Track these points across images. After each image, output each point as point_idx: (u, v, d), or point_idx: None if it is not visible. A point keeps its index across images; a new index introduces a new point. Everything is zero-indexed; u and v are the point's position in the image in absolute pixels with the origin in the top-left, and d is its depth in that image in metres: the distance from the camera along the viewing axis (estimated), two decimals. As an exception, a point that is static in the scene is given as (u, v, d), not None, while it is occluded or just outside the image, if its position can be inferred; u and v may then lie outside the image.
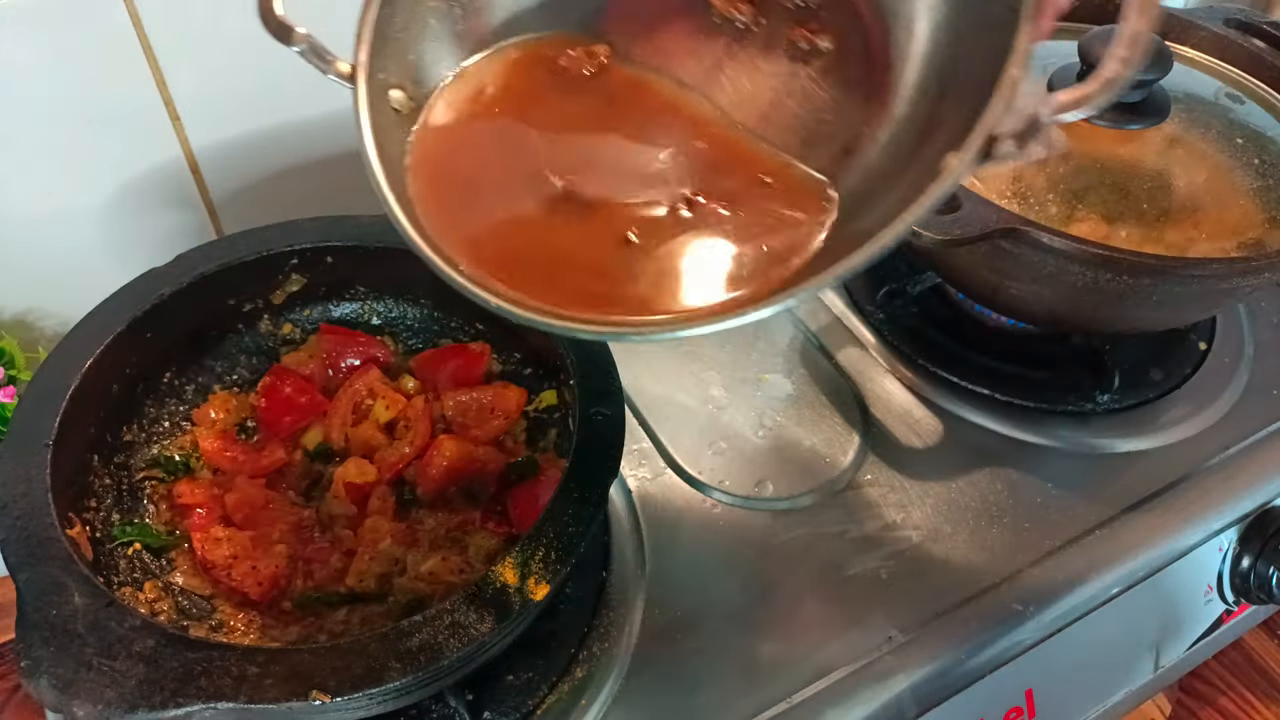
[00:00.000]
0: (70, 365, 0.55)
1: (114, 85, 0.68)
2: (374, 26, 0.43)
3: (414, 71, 0.45)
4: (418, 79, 0.45)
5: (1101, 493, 0.69)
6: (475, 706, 0.55)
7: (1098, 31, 0.71)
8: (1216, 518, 0.69)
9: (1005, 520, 0.67)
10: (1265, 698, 0.91)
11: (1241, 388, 0.77)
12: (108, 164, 0.72)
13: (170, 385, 0.63)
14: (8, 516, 0.48)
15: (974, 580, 0.63)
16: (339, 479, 0.60)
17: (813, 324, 0.80)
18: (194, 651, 0.44)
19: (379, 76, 0.43)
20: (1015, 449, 0.72)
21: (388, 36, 0.44)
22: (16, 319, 0.76)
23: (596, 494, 0.51)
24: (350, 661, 0.44)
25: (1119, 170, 0.69)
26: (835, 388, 0.75)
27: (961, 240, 0.59)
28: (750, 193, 0.43)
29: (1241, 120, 0.74)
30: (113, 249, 0.76)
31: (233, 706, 0.42)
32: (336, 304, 0.68)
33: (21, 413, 0.53)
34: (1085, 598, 0.64)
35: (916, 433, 0.72)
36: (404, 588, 0.55)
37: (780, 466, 0.69)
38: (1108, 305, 0.66)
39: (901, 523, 0.66)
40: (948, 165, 0.34)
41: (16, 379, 0.68)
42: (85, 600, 0.45)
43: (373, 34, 0.43)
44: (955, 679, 0.60)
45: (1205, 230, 0.66)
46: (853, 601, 0.62)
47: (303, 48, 0.43)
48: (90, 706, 0.42)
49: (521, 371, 0.67)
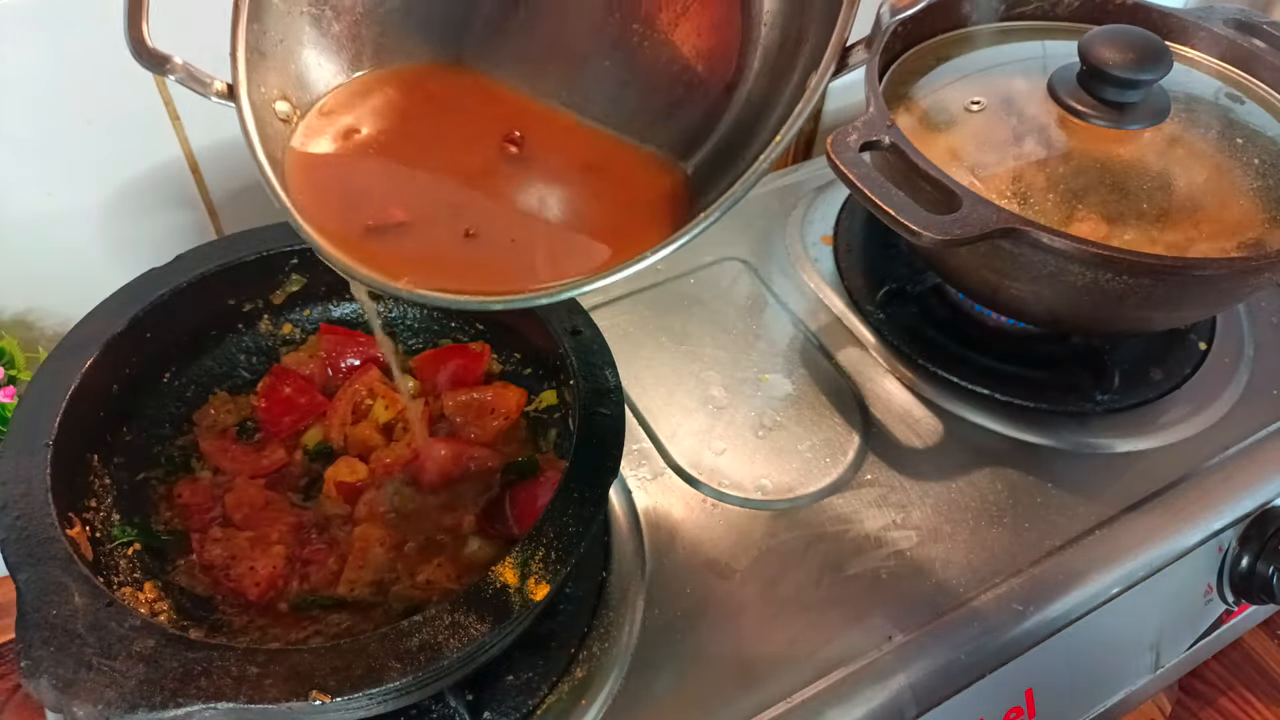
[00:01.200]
0: (70, 365, 0.55)
1: (114, 85, 0.68)
2: (246, 43, 0.44)
3: (296, 82, 0.47)
4: (302, 88, 0.47)
5: (1101, 493, 0.69)
6: (475, 706, 0.55)
7: (1098, 31, 0.71)
8: (1216, 518, 0.69)
9: (1005, 520, 0.67)
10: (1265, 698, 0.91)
11: (1241, 388, 0.77)
12: (108, 164, 0.72)
13: (170, 385, 0.63)
14: (8, 516, 0.48)
15: (974, 580, 0.63)
16: (330, 478, 0.60)
17: (813, 324, 0.80)
18: (194, 651, 0.44)
19: (260, 90, 0.45)
20: (1015, 449, 0.72)
21: (264, 52, 0.45)
22: (16, 319, 0.76)
23: (596, 494, 0.51)
24: (350, 661, 0.44)
25: (1119, 170, 0.69)
26: (835, 388, 0.75)
27: (961, 240, 0.59)
28: (592, 177, 0.46)
29: (1241, 120, 0.74)
30: (113, 249, 0.76)
31: (233, 706, 0.42)
32: (336, 304, 0.68)
33: (21, 413, 0.53)
34: (1085, 598, 0.64)
35: (916, 433, 0.72)
36: (400, 595, 0.55)
37: (780, 466, 0.70)
38: (1108, 305, 0.66)
39: (901, 523, 0.66)
40: (811, 83, 0.39)
41: (16, 379, 0.68)
42: (85, 600, 0.45)
43: (246, 51, 0.44)
44: (955, 679, 0.60)
45: (1205, 230, 0.66)
46: (853, 601, 0.62)
47: (179, 76, 0.44)
48: (90, 706, 0.42)
49: (521, 371, 0.67)
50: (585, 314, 0.61)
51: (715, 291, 0.82)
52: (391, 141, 0.47)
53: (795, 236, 0.87)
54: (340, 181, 0.45)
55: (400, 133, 0.47)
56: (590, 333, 0.60)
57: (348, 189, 0.45)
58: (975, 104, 0.74)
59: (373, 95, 0.49)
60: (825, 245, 0.86)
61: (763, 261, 0.84)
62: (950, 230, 0.59)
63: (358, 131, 0.47)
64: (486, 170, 0.46)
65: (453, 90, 0.49)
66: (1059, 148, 0.70)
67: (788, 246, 0.86)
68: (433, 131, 0.48)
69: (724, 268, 0.84)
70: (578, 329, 0.60)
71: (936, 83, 0.77)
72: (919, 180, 0.64)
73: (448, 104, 0.49)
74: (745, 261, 0.84)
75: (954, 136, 0.72)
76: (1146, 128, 0.71)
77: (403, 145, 0.47)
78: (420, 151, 0.47)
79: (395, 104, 0.48)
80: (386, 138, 0.47)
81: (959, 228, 0.59)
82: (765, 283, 0.83)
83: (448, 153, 0.47)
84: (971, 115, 0.73)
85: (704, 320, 0.79)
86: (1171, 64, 0.70)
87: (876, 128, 0.66)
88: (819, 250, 0.86)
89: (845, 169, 0.62)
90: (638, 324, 0.79)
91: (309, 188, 0.44)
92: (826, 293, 0.82)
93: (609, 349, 0.59)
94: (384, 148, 0.47)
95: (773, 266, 0.84)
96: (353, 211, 0.44)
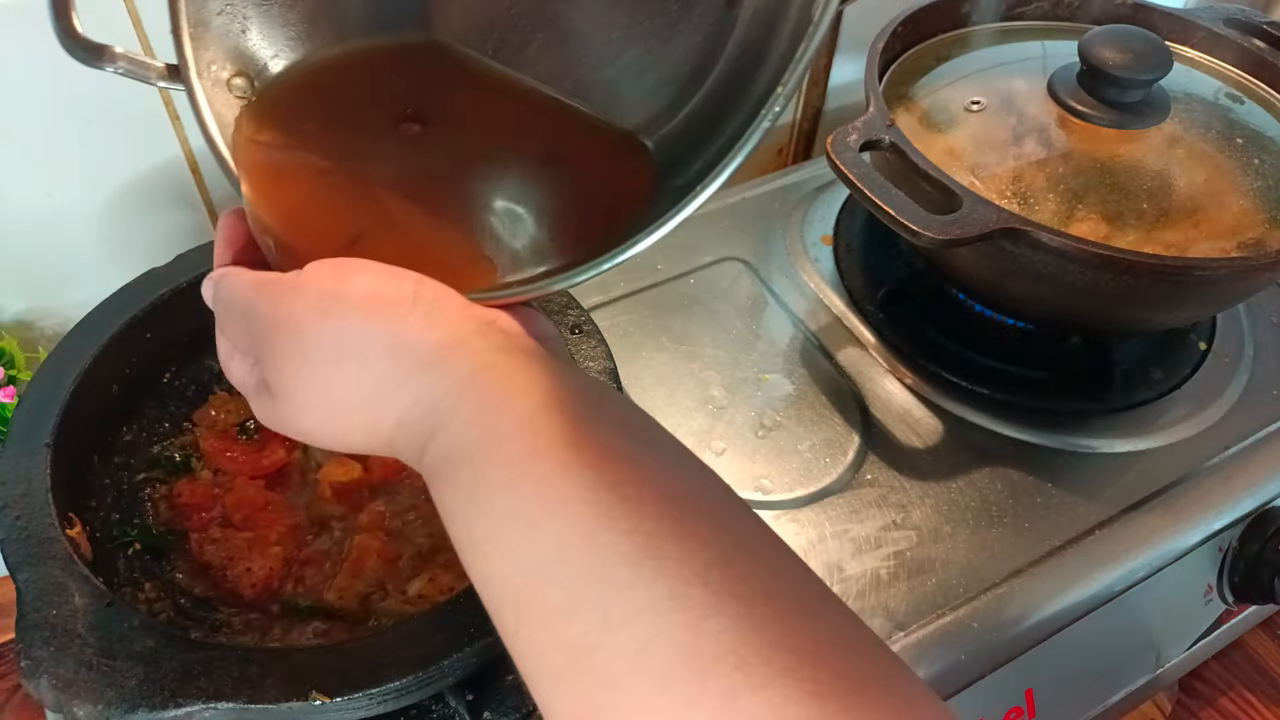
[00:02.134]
0: (70, 365, 0.55)
1: (114, 85, 0.68)
2: (189, 18, 0.41)
3: (250, 57, 0.43)
4: (258, 64, 0.43)
5: (1101, 493, 0.69)
6: (475, 706, 0.55)
7: (1098, 31, 0.71)
8: (1216, 518, 0.69)
9: (1005, 520, 0.67)
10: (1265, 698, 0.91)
11: (1241, 388, 0.77)
12: (108, 164, 0.72)
13: (170, 385, 0.63)
14: (8, 516, 0.48)
15: (974, 580, 0.63)
16: (324, 479, 0.60)
17: (813, 324, 0.80)
18: (194, 651, 0.44)
19: (211, 69, 0.41)
20: (1015, 449, 0.72)
21: (209, 24, 0.42)
22: (16, 319, 0.76)
23: (596, 494, 0.51)
24: (350, 661, 0.44)
25: (1119, 170, 0.69)
26: (835, 388, 0.75)
27: (961, 240, 0.59)
28: (556, 168, 0.42)
29: (1241, 120, 0.74)
30: (113, 249, 0.76)
31: (233, 706, 0.42)
32: (336, 304, 0.68)
33: (21, 413, 0.53)
34: (1085, 598, 0.64)
35: (916, 433, 0.72)
36: (388, 610, 0.54)
37: (780, 466, 0.70)
38: (1108, 305, 0.66)
39: (901, 523, 0.66)
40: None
41: (16, 379, 0.68)
42: (85, 600, 0.45)
43: (190, 26, 0.41)
44: (955, 679, 0.60)
45: (1205, 230, 0.66)
46: (853, 601, 0.62)
47: (119, 67, 0.41)
48: (90, 706, 0.42)
49: (521, 371, 0.67)
50: (585, 313, 0.61)
51: (715, 291, 0.82)
52: (343, 144, 0.43)
53: (795, 236, 0.87)
54: (298, 192, 0.42)
55: (350, 129, 0.44)
56: (590, 331, 0.60)
57: (306, 203, 0.42)
58: (975, 104, 0.74)
59: (331, 81, 0.45)
60: (825, 245, 0.86)
61: (763, 261, 0.84)
62: (950, 230, 0.59)
63: (305, 128, 0.43)
64: (437, 170, 0.43)
65: (409, 71, 0.45)
66: (1059, 148, 0.71)
67: (788, 246, 0.86)
68: (364, 120, 0.44)
69: (724, 268, 0.84)
70: (577, 327, 0.60)
71: (936, 83, 0.77)
72: (919, 180, 0.64)
73: (389, 89, 0.45)
74: (745, 261, 0.84)
75: (954, 136, 0.72)
76: (1146, 128, 0.71)
77: (349, 142, 0.43)
78: (367, 145, 0.43)
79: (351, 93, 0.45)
80: (336, 138, 0.43)
81: (959, 228, 0.59)
82: (765, 283, 0.83)
83: (398, 148, 0.43)
84: (971, 115, 0.73)
85: (704, 320, 0.79)
86: (1171, 64, 0.70)
87: (876, 128, 0.66)
88: (819, 250, 0.86)
89: (845, 169, 0.62)
90: (638, 324, 0.79)
91: (264, 192, 0.41)
92: (826, 293, 0.82)
93: (609, 350, 0.59)
94: (333, 150, 0.43)
95: (773, 266, 0.84)
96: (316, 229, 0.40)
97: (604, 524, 0.29)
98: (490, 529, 0.31)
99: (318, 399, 0.35)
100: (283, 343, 0.35)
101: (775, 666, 0.26)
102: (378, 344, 0.34)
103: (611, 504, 0.29)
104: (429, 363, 0.34)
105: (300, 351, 0.35)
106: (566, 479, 0.30)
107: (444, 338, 0.34)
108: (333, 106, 0.44)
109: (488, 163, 0.43)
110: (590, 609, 0.28)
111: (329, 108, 0.44)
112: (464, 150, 0.43)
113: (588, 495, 0.30)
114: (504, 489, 0.31)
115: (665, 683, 0.26)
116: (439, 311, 0.34)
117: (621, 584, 0.28)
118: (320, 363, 0.35)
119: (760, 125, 0.34)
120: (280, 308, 0.35)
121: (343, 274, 0.35)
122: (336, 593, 0.55)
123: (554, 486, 0.30)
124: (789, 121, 1.04)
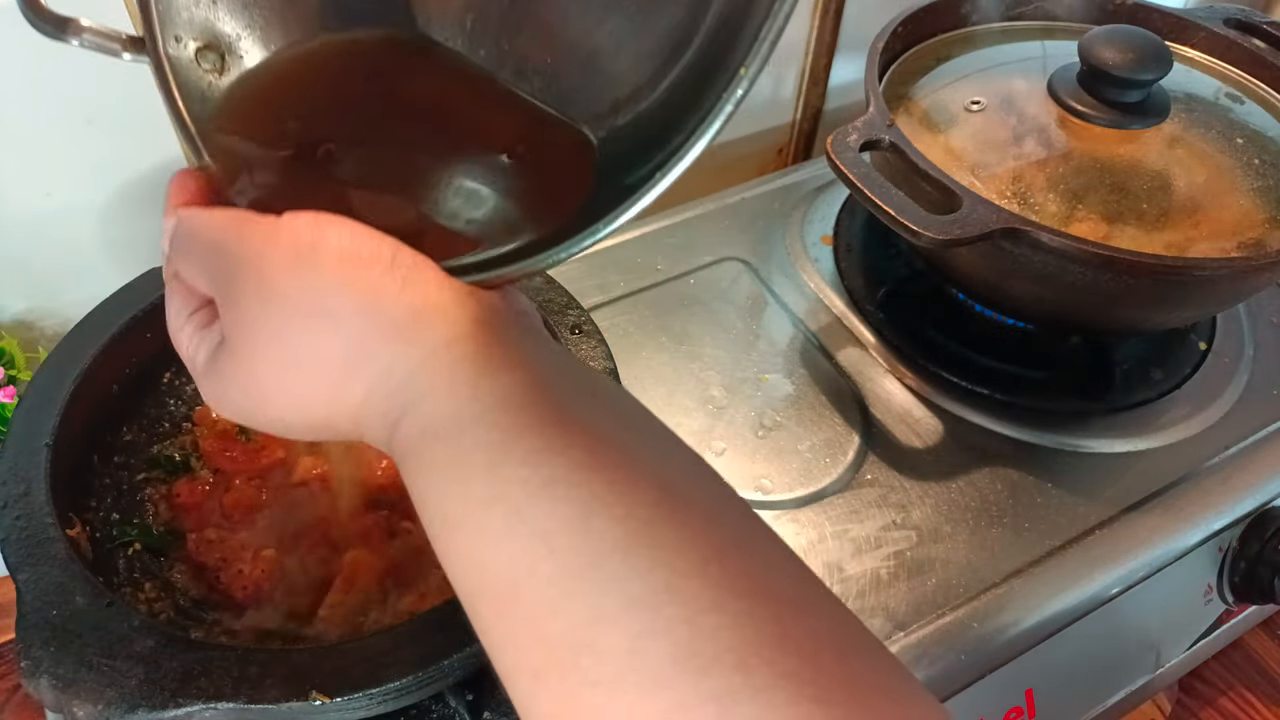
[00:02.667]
0: (70, 365, 0.55)
1: (114, 85, 0.68)
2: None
3: (219, 31, 0.41)
4: (228, 37, 0.41)
5: (1101, 493, 0.69)
6: (475, 706, 0.55)
7: (1098, 31, 0.71)
8: (1216, 518, 0.69)
9: (1005, 520, 0.67)
10: (1265, 698, 0.91)
11: (1241, 388, 0.77)
12: (108, 164, 0.72)
13: (170, 385, 0.63)
14: (8, 516, 0.48)
15: (974, 580, 0.63)
16: (299, 478, 0.59)
17: (813, 324, 0.80)
18: (194, 652, 0.44)
19: (179, 42, 0.39)
20: (1015, 449, 0.72)
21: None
22: (16, 319, 0.76)
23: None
24: (350, 661, 0.44)
25: (1119, 170, 0.69)
26: (835, 388, 0.75)
27: (961, 240, 0.59)
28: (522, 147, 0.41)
29: (1241, 120, 0.74)
30: (113, 249, 0.76)
31: (233, 707, 0.42)
32: (337, 303, 0.68)
33: (21, 413, 0.53)
34: (1085, 598, 0.64)
35: (916, 433, 0.72)
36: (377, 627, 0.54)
37: (780, 466, 0.70)
38: (1108, 305, 0.66)
39: (901, 523, 0.66)
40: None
41: (16, 379, 0.68)
42: (85, 600, 0.45)
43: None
44: (955, 679, 0.60)
45: (1205, 230, 0.66)
46: (853, 601, 0.62)
47: (83, 39, 0.39)
48: (90, 706, 0.42)
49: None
50: (585, 313, 0.61)
51: (715, 291, 0.82)
52: (311, 131, 0.41)
53: (795, 236, 0.87)
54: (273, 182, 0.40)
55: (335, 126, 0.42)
56: (590, 331, 0.60)
57: (273, 192, 0.40)
58: (975, 104, 0.74)
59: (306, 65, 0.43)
60: (825, 245, 0.86)
61: (763, 261, 0.84)
62: (950, 230, 0.59)
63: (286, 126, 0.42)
64: (398, 159, 0.41)
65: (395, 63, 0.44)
66: (1059, 148, 0.71)
67: (788, 246, 0.86)
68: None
69: (724, 268, 0.84)
70: (577, 327, 0.60)
71: (936, 83, 0.77)
72: (919, 180, 0.64)
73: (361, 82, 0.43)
74: (745, 261, 0.84)
75: (954, 136, 0.72)
76: (1146, 128, 0.71)
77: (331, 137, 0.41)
78: (335, 132, 0.41)
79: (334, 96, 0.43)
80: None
81: (959, 228, 0.59)
82: (765, 283, 0.83)
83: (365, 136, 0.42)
84: (971, 115, 0.73)
85: (704, 320, 0.79)
86: (1171, 64, 0.70)
87: (876, 128, 0.66)
88: (819, 250, 0.86)
89: (845, 169, 0.62)
90: (638, 324, 0.79)
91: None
92: (826, 293, 0.82)
93: (609, 348, 0.59)
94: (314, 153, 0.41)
95: (773, 266, 0.84)
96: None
97: (595, 508, 0.27)
98: (467, 513, 0.29)
99: (276, 353, 0.32)
100: (247, 281, 0.32)
101: (777, 668, 0.24)
102: (350, 302, 0.31)
103: (602, 487, 0.27)
104: (402, 326, 0.31)
105: (264, 293, 0.32)
106: (552, 459, 0.28)
107: (419, 302, 0.32)
108: (300, 96, 0.43)
109: (446, 151, 0.42)
110: (577, 601, 0.26)
111: (297, 97, 0.43)
112: (420, 139, 0.42)
113: (576, 477, 0.27)
114: (483, 469, 0.28)
115: (658, 683, 0.24)
116: (416, 275, 0.32)
117: (613, 574, 0.26)
118: (286, 311, 0.32)
119: (724, 107, 0.33)
120: (250, 244, 0.32)
121: (321, 225, 0.32)
122: (328, 609, 0.54)
123: (538, 467, 0.28)
124: (789, 121, 1.04)
